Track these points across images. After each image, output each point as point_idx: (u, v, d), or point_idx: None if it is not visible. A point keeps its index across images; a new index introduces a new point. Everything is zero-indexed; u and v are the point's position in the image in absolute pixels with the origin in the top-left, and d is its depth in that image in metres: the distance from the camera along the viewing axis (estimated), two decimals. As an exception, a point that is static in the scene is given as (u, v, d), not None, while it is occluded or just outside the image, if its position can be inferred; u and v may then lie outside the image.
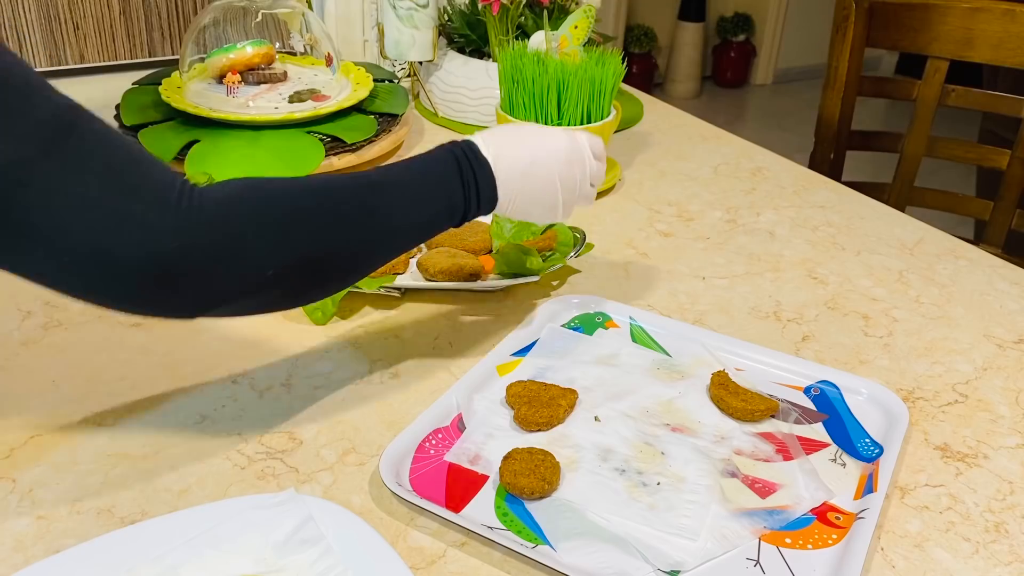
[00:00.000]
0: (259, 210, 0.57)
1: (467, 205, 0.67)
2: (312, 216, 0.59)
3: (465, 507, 0.62)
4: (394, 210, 0.64)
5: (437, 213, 0.66)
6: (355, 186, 0.63)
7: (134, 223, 0.51)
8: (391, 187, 0.64)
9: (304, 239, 0.59)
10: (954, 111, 1.40)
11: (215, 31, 1.20)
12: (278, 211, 0.58)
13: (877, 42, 1.41)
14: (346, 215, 0.61)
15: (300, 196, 0.60)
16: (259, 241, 0.56)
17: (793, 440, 0.69)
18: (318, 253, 0.60)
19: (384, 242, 0.64)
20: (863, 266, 0.97)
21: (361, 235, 0.62)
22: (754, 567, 0.58)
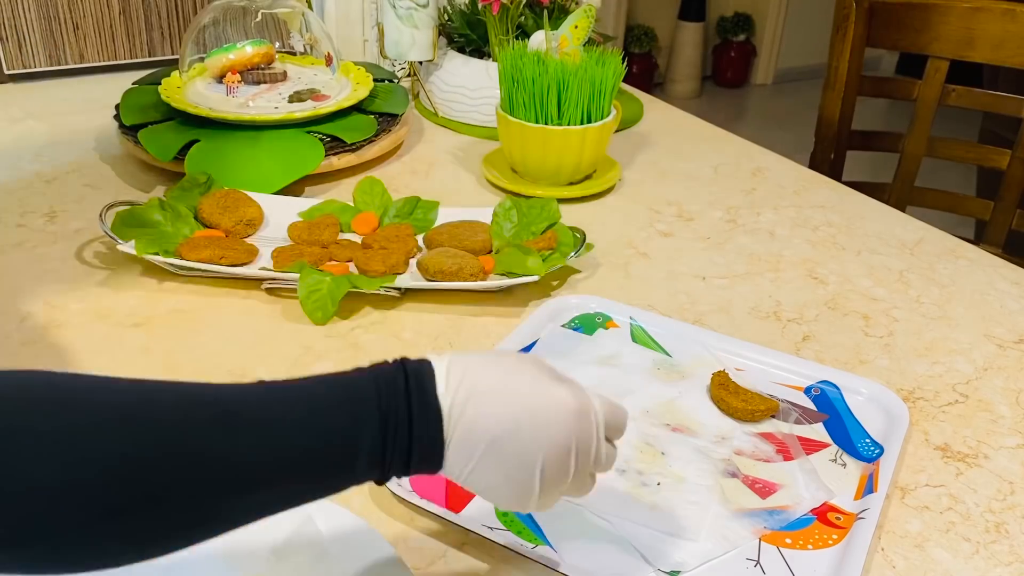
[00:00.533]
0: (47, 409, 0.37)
1: (383, 458, 0.43)
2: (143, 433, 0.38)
3: (465, 507, 0.62)
4: (247, 453, 0.40)
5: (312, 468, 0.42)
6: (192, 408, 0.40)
7: None
8: (249, 415, 0.42)
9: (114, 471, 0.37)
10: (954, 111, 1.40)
11: (215, 31, 1.20)
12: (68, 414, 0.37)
13: (877, 42, 1.41)
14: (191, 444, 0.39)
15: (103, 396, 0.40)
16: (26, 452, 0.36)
17: (793, 440, 0.69)
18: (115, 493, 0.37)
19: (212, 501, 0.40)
20: (863, 266, 0.97)
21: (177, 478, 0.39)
22: (754, 567, 0.58)
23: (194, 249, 0.86)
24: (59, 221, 0.98)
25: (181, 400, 0.41)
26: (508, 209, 0.96)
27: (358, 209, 0.99)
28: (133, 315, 0.83)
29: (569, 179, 1.09)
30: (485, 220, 0.96)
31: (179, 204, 0.95)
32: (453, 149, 1.23)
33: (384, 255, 0.88)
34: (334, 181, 1.11)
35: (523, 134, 1.05)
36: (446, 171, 1.16)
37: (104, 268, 0.90)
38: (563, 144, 1.05)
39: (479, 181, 1.14)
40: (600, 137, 1.07)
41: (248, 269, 0.87)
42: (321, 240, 0.92)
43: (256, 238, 0.94)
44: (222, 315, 0.83)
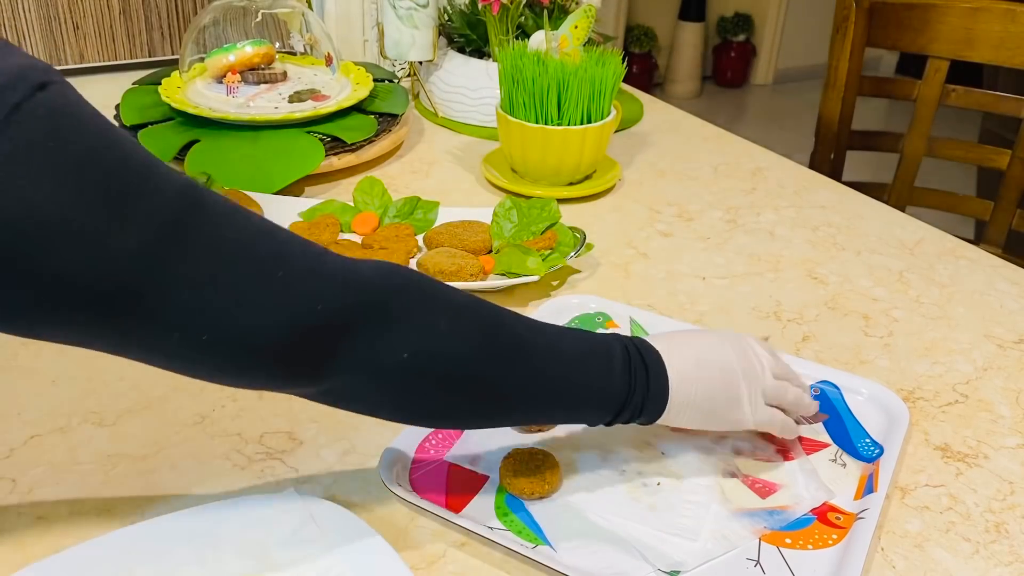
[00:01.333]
0: (415, 286, 0.53)
1: (630, 396, 0.58)
2: (461, 317, 0.54)
3: (465, 507, 0.62)
4: (547, 367, 0.56)
5: (589, 392, 0.58)
6: (515, 322, 0.57)
7: (276, 294, 0.47)
8: (549, 340, 0.57)
9: (447, 337, 0.53)
10: (954, 111, 1.40)
11: (215, 31, 1.20)
12: (437, 298, 0.53)
13: (877, 42, 1.41)
14: (501, 344, 0.55)
15: (460, 298, 0.55)
16: (408, 313, 0.51)
17: (793, 440, 0.69)
18: (452, 366, 0.53)
19: (520, 397, 0.56)
20: (863, 266, 0.97)
21: (504, 373, 0.55)
22: (754, 567, 0.58)
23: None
24: (59, 221, 0.98)
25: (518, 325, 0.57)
26: (508, 209, 0.96)
27: (358, 209, 0.99)
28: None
29: (569, 179, 1.09)
30: (485, 220, 0.96)
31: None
32: (453, 149, 1.23)
33: (384, 255, 0.88)
34: (334, 181, 1.11)
35: (523, 134, 1.05)
36: (446, 171, 1.16)
37: (104, 268, 0.89)
38: (563, 144, 1.05)
39: (479, 181, 1.14)
40: (600, 137, 1.07)
41: (248, 269, 0.87)
42: (321, 240, 0.92)
43: (256, 238, 0.94)
44: (222, 315, 0.83)
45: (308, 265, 0.49)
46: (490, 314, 0.56)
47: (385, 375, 0.51)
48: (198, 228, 0.45)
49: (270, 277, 0.47)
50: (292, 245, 0.49)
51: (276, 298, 0.47)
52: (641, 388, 0.58)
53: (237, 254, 0.47)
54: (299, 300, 0.48)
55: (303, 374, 0.50)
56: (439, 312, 0.53)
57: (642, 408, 0.59)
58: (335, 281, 0.50)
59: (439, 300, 0.54)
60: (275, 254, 0.48)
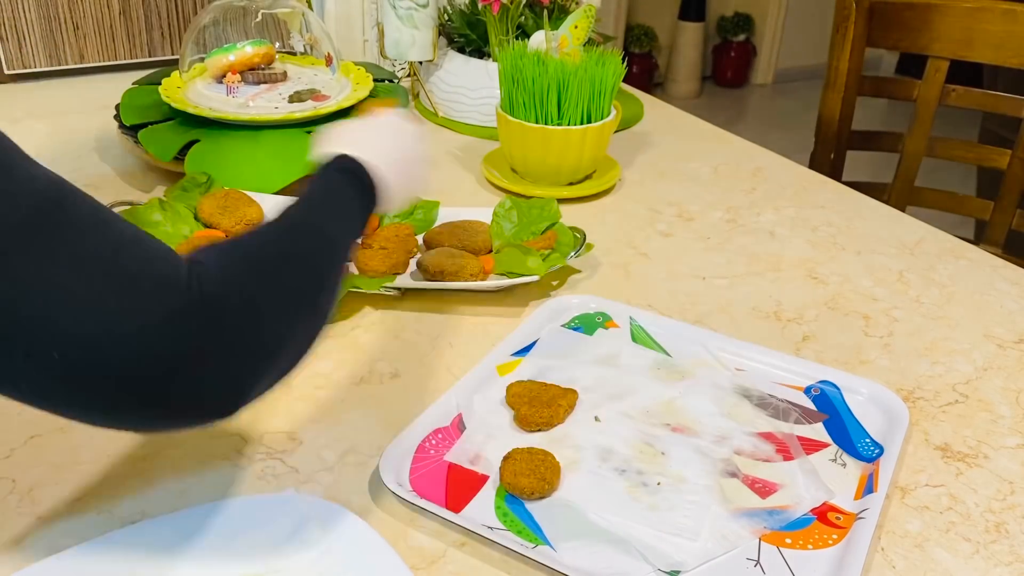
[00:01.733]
0: (253, 268, 0.52)
1: (369, 202, 0.67)
2: (294, 254, 0.57)
3: (465, 507, 0.62)
4: (334, 224, 0.62)
5: (355, 217, 0.66)
6: (303, 211, 0.61)
7: (137, 315, 0.43)
8: (321, 205, 0.63)
9: (298, 277, 0.55)
10: (954, 111, 1.40)
11: (215, 31, 1.20)
12: (271, 263, 0.54)
13: (877, 42, 1.41)
14: (311, 241, 0.59)
15: (277, 240, 0.57)
16: (271, 301, 0.51)
17: (793, 440, 0.69)
18: (310, 286, 0.55)
19: (337, 256, 0.61)
20: (863, 266, 0.97)
21: (324, 255, 0.59)
22: (754, 567, 0.58)
23: (193, 250, 0.86)
24: (59, 221, 0.98)
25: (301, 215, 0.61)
26: (508, 209, 0.96)
27: (358, 209, 0.99)
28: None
29: (569, 179, 1.09)
30: (485, 220, 0.96)
31: (179, 204, 0.95)
32: (453, 149, 1.23)
33: (384, 255, 0.88)
34: (334, 181, 1.11)
35: (523, 134, 1.05)
36: (446, 171, 1.16)
37: (104, 268, 0.89)
38: (563, 144, 1.05)
39: (479, 181, 1.14)
40: (600, 137, 1.07)
41: (248, 269, 0.87)
42: (321, 240, 0.92)
43: (256, 238, 0.94)
44: (222, 315, 0.83)
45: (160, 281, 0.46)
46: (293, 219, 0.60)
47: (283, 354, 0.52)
48: (56, 233, 0.41)
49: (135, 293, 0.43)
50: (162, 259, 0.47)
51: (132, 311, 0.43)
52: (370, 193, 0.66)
53: (100, 267, 0.43)
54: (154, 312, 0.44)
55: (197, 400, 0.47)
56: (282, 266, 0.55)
57: (374, 204, 0.66)
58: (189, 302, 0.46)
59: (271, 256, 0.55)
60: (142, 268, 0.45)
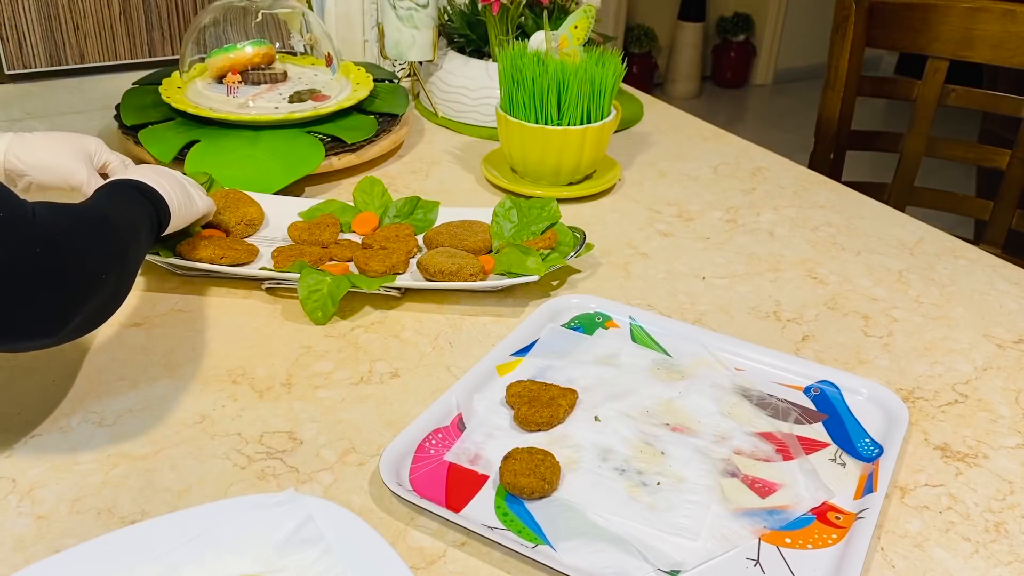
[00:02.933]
0: (80, 217, 0.64)
1: (158, 213, 0.78)
2: (108, 218, 0.68)
3: (465, 507, 0.62)
4: (133, 221, 0.73)
5: (149, 218, 0.76)
6: (106, 197, 0.74)
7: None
8: (120, 208, 0.73)
9: (111, 235, 0.66)
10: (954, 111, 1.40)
11: (215, 31, 1.20)
12: (92, 218, 0.66)
13: (877, 42, 1.41)
14: (117, 214, 0.70)
15: (94, 206, 0.70)
16: (93, 244, 0.63)
17: (793, 440, 0.69)
18: (118, 247, 0.66)
19: (136, 233, 0.72)
20: (863, 266, 0.97)
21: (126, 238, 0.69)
22: (754, 567, 0.58)
23: (194, 249, 0.86)
24: (59, 221, 0.98)
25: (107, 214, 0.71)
26: (508, 209, 0.96)
27: (358, 209, 0.99)
28: (133, 315, 0.83)
29: (569, 179, 1.09)
30: (485, 220, 0.96)
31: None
32: (453, 149, 1.23)
33: (384, 255, 0.88)
34: (334, 181, 1.11)
35: (523, 134, 1.05)
36: (446, 171, 1.16)
37: (104, 268, 0.89)
38: (563, 144, 1.05)
39: (479, 181, 1.14)
40: (600, 137, 1.07)
41: (248, 269, 0.87)
42: (321, 240, 0.92)
43: (256, 238, 0.94)
44: (222, 315, 0.83)
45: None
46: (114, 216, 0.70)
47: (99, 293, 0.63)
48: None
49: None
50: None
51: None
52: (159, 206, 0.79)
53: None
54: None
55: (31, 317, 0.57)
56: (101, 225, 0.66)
57: (162, 217, 0.79)
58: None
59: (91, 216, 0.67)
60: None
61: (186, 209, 0.83)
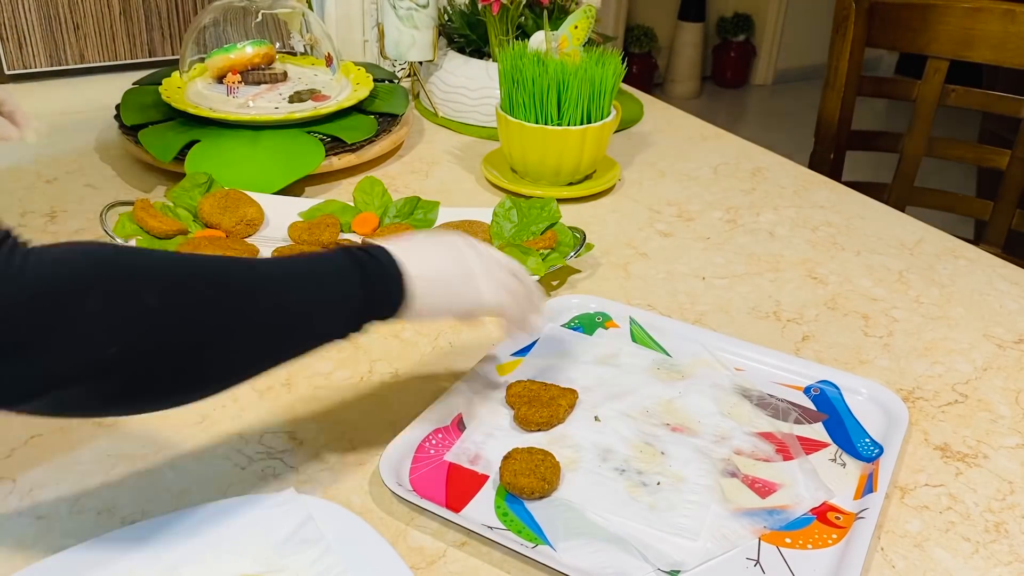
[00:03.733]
0: (106, 270, 0.46)
1: (370, 297, 0.57)
2: (175, 287, 0.48)
3: (465, 507, 0.62)
4: (282, 298, 0.53)
5: (332, 307, 0.56)
6: (231, 263, 0.53)
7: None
8: (277, 272, 0.54)
9: (161, 312, 0.47)
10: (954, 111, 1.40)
11: (215, 31, 1.20)
12: (129, 273, 0.47)
13: (877, 42, 1.41)
14: (220, 292, 0.50)
15: (160, 262, 0.50)
16: (103, 305, 0.45)
17: (793, 440, 0.69)
18: (178, 334, 0.48)
19: (263, 335, 0.53)
20: (863, 266, 0.97)
21: (237, 320, 0.51)
22: (754, 567, 0.58)
23: (194, 249, 0.86)
24: (59, 221, 0.98)
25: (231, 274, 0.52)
26: (508, 209, 0.96)
27: (358, 209, 0.99)
28: None
29: (569, 179, 1.09)
30: (485, 220, 0.96)
31: (179, 204, 0.95)
32: (453, 149, 1.23)
33: (384, 255, 0.88)
34: (334, 181, 1.11)
35: (523, 134, 1.05)
36: (446, 171, 1.16)
37: (104, 268, 0.89)
38: (563, 144, 1.05)
39: (479, 181, 1.14)
40: (600, 137, 1.07)
41: (248, 269, 0.87)
42: (321, 240, 0.92)
43: (256, 238, 0.94)
44: (222, 315, 0.83)
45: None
46: (209, 270, 0.51)
47: (97, 377, 0.45)
48: None
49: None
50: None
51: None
52: (375, 274, 0.57)
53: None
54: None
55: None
56: (146, 288, 0.47)
57: (383, 293, 0.57)
58: (11, 283, 0.42)
59: (143, 274, 0.48)
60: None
61: (448, 299, 0.61)
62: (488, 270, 0.63)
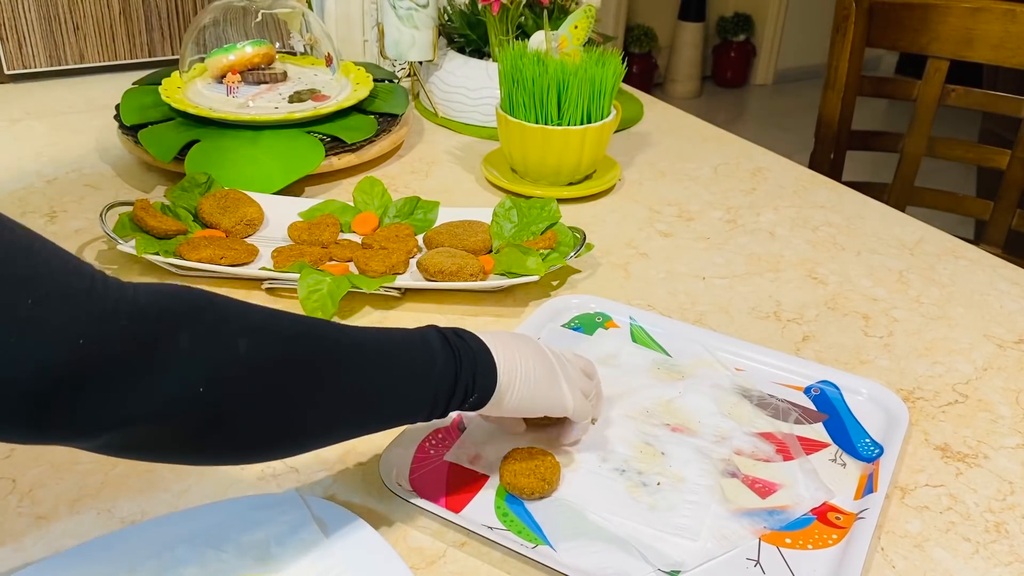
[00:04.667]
0: (200, 311, 0.46)
1: (458, 375, 0.56)
2: (268, 339, 0.48)
3: (465, 507, 0.62)
4: (373, 379, 0.52)
5: (417, 397, 0.55)
6: (330, 327, 0.52)
7: (23, 323, 0.38)
8: (374, 350, 0.53)
9: (250, 360, 0.47)
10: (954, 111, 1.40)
11: (215, 31, 1.20)
12: (223, 317, 0.47)
13: (877, 42, 1.41)
14: (314, 355, 0.50)
15: (256, 313, 0.49)
16: (194, 344, 0.44)
17: (793, 440, 0.69)
18: (264, 387, 0.47)
19: (344, 414, 0.52)
20: (863, 266, 0.97)
21: (325, 386, 0.50)
22: (754, 567, 0.58)
23: (194, 249, 0.86)
24: (59, 221, 0.98)
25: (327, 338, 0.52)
26: (508, 209, 0.96)
27: (358, 209, 0.99)
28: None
29: (569, 179, 1.09)
30: (485, 220, 0.96)
31: (179, 204, 0.95)
32: (453, 149, 1.23)
33: (384, 255, 0.88)
34: (334, 181, 1.11)
35: (523, 134, 1.05)
36: (446, 171, 1.16)
37: (104, 268, 0.90)
38: (563, 144, 1.05)
39: (479, 181, 1.14)
40: (600, 137, 1.07)
41: (248, 269, 0.87)
42: (321, 240, 0.92)
43: (256, 238, 0.94)
44: (222, 315, 0.83)
45: (65, 291, 0.40)
46: (294, 325, 0.51)
47: (176, 416, 0.44)
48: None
49: (15, 305, 0.38)
50: (52, 263, 0.41)
51: (23, 331, 0.38)
52: (469, 364, 0.56)
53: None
54: (54, 334, 0.39)
55: (65, 425, 0.41)
56: (235, 334, 0.47)
57: (473, 385, 0.57)
58: (103, 311, 0.41)
59: (234, 321, 0.47)
60: (27, 277, 0.39)
61: (533, 401, 0.60)
62: (568, 374, 0.63)
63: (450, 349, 0.56)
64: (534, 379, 0.60)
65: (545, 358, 0.62)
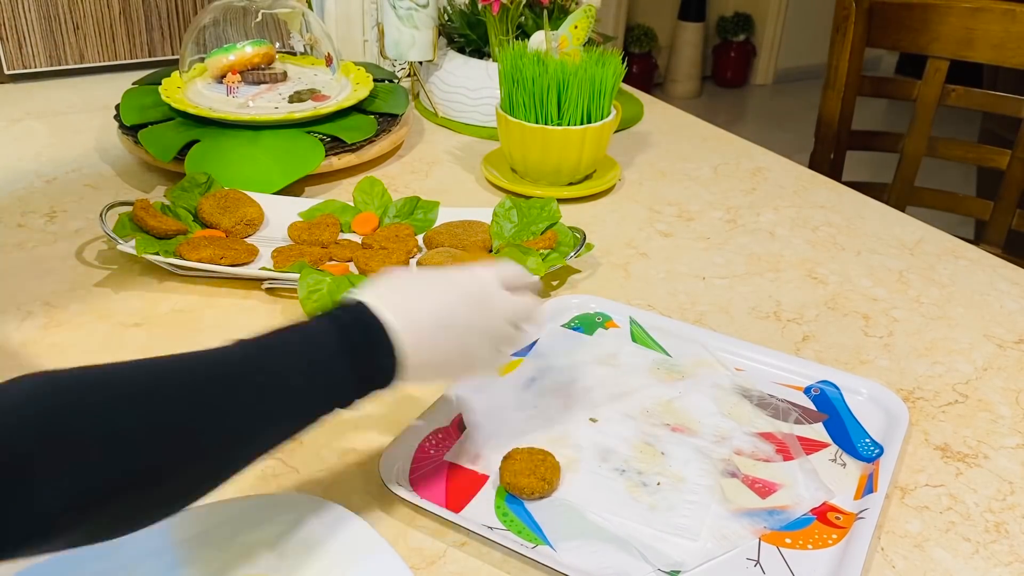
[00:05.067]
0: (52, 421, 0.42)
1: (359, 382, 0.54)
2: (129, 424, 0.44)
3: (465, 507, 0.62)
4: (249, 412, 0.49)
5: (310, 403, 0.52)
6: (196, 380, 0.48)
7: None
8: (245, 379, 0.49)
9: (116, 457, 0.43)
10: (954, 111, 1.40)
11: (215, 31, 1.20)
12: (78, 421, 0.43)
13: (877, 42, 1.41)
14: (181, 421, 0.46)
15: (113, 397, 0.45)
16: (49, 469, 0.41)
17: (793, 440, 0.69)
18: (137, 477, 0.44)
19: (232, 453, 0.49)
20: (863, 266, 0.97)
21: (199, 446, 0.47)
22: (754, 567, 0.58)
23: (194, 249, 0.86)
24: (59, 221, 0.98)
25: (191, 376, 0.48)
26: (508, 209, 0.96)
27: (358, 209, 0.99)
28: (133, 315, 0.83)
29: (569, 179, 1.09)
30: (485, 220, 0.96)
31: (179, 204, 0.95)
32: (453, 149, 1.23)
33: (384, 255, 0.88)
34: (334, 181, 1.11)
35: (523, 134, 1.05)
36: (446, 171, 1.16)
37: (104, 268, 0.90)
38: (563, 144, 1.05)
39: (479, 181, 1.14)
40: (600, 137, 1.07)
41: (248, 269, 0.87)
42: (321, 240, 0.92)
43: (256, 238, 0.94)
44: (222, 315, 0.83)
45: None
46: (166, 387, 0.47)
47: (56, 532, 0.42)
48: None
49: None
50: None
51: None
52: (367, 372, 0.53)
53: None
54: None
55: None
56: (93, 437, 0.43)
57: (373, 384, 0.54)
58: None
59: (88, 421, 0.43)
60: None
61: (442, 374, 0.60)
62: (487, 333, 0.59)
63: (346, 345, 0.52)
64: (445, 369, 0.58)
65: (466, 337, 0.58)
